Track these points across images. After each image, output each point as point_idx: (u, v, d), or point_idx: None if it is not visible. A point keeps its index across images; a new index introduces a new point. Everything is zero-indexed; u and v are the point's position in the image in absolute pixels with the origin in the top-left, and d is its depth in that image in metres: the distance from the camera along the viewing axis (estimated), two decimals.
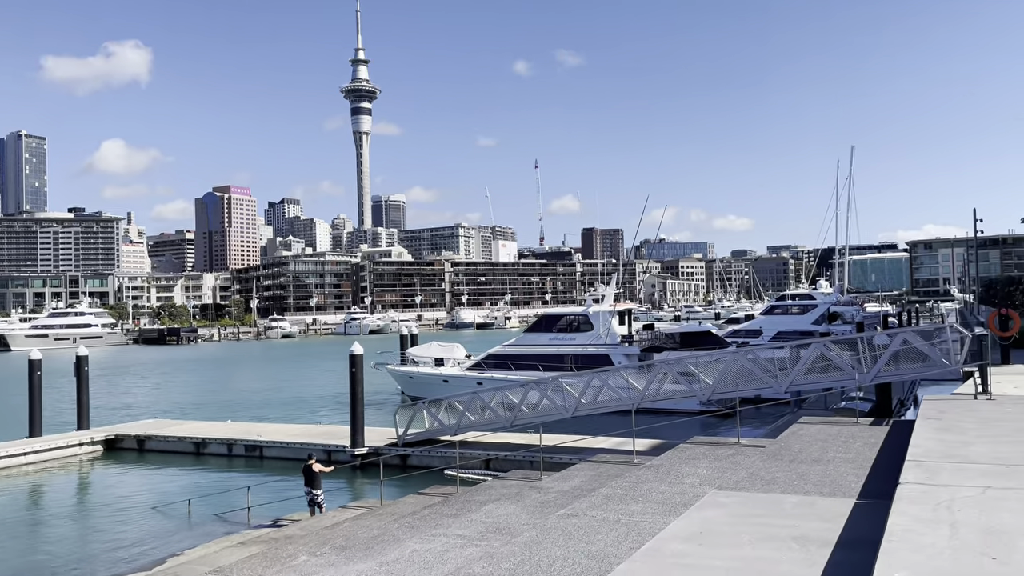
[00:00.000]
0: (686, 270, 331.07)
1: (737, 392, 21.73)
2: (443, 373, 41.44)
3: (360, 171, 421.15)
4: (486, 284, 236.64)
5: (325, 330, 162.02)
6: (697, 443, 15.47)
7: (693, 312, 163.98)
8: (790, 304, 64.38)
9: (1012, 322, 21.11)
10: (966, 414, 11.74)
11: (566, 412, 23.99)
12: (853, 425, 14.55)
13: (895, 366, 20.79)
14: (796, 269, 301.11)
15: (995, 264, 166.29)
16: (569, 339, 39.94)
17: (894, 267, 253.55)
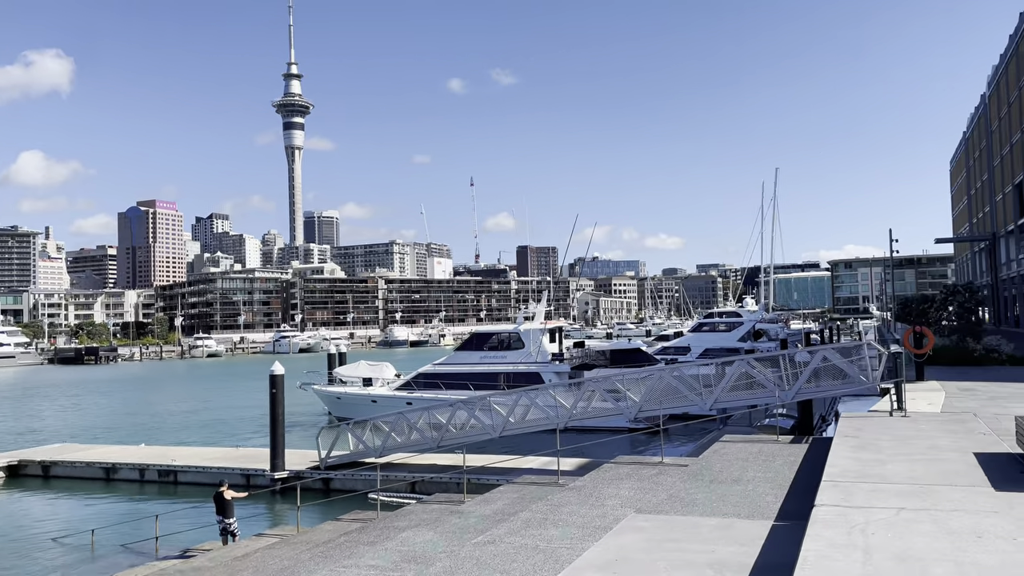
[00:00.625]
0: (619, 288, 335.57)
1: (663, 409, 21.75)
2: (371, 393, 40.55)
3: (292, 186, 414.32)
4: (420, 301, 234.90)
5: (253, 348, 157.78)
6: (621, 463, 15.28)
7: (625, 329, 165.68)
8: (717, 321, 65.55)
9: (926, 339, 21.71)
10: (882, 432, 11.83)
11: (494, 432, 23.60)
12: (774, 443, 14.59)
13: (816, 383, 21.08)
14: (724, 287, 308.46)
15: (911, 283, 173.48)
16: (500, 357, 39.61)
17: (817, 286, 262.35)
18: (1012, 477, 8.45)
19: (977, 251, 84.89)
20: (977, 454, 9.80)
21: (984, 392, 18.26)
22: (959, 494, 7.81)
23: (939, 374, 23.32)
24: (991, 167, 72.95)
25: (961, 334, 28.53)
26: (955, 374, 23.39)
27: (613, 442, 28.10)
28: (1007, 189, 65.65)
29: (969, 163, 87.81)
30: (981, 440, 10.80)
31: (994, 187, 71.94)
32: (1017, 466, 8.99)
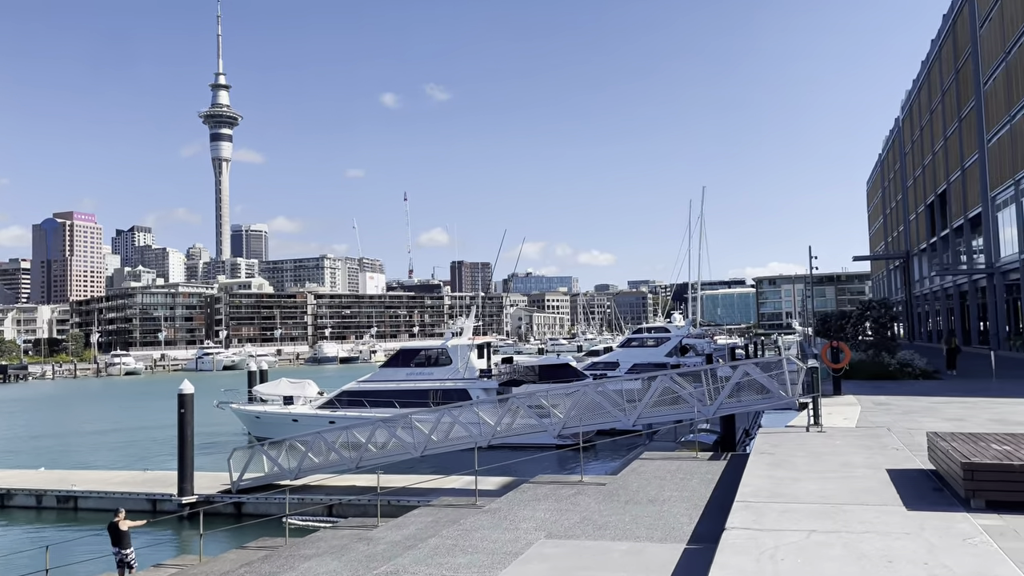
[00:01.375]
0: (552, 303, 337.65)
1: (586, 426, 21.47)
2: (292, 412, 39.21)
3: (219, 199, 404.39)
4: (351, 317, 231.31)
5: (175, 366, 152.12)
6: (541, 482, 14.83)
7: (558, 344, 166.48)
8: (646, 337, 66.11)
9: (843, 354, 21.99)
10: (797, 448, 11.68)
11: (415, 451, 22.89)
12: (693, 460, 14.37)
13: (737, 398, 21.15)
14: (654, 303, 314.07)
15: (831, 299, 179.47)
16: (427, 374, 38.86)
17: (742, 302, 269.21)
18: (924, 495, 8.30)
19: (892, 269, 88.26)
20: (890, 470, 9.68)
21: (898, 406, 18.50)
22: (871, 514, 7.60)
23: (856, 388, 23.68)
24: (905, 188, 76.01)
25: (877, 349, 29.19)
26: (871, 388, 23.79)
27: (540, 459, 27.75)
28: (920, 209, 68.45)
29: (885, 184, 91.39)
30: (894, 456, 10.73)
31: (908, 207, 74.94)
32: (929, 483, 8.87)
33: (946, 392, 22.03)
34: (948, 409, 17.58)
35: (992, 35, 42.99)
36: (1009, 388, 23.02)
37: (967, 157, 50.15)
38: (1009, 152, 40.78)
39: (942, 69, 57.00)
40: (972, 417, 15.79)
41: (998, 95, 42.42)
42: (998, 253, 44.48)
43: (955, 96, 52.62)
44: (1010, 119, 40.09)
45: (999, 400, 19.49)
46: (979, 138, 46.71)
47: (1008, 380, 25.64)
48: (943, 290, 60.79)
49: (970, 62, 47.86)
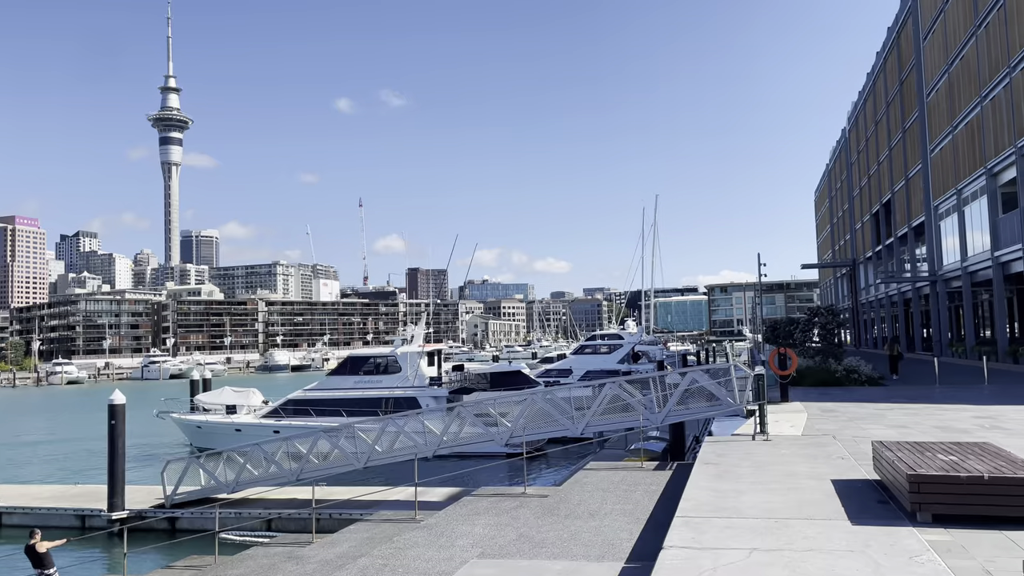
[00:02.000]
0: (508, 310, 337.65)
1: (534, 434, 21.06)
2: (235, 422, 38.04)
3: (168, 204, 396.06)
4: (304, 324, 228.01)
5: (120, 375, 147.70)
6: (482, 495, 14.31)
7: (513, 351, 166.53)
8: (599, 344, 66.07)
9: (790, 361, 21.92)
10: (743, 457, 11.37)
11: (357, 463, 22.16)
12: (638, 470, 13.99)
13: (685, 406, 20.95)
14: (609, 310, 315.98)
15: (781, 307, 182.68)
16: (376, 382, 38.08)
17: (695, 309, 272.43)
18: (869, 508, 8.00)
19: (839, 276, 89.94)
20: (835, 481, 9.39)
21: (844, 413, 18.43)
22: (815, 529, 7.26)
23: (803, 395, 23.68)
24: (851, 197, 77.50)
25: (824, 356, 29.35)
26: (818, 395, 23.80)
27: (490, 468, 27.17)
28: (865, 218, 69.82)
29: (832, 193, 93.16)
30: (839, 465, 10.47)
31: (854, 216, 76.41)
32: (874, 494, 8.59)
33: (891, 399, 22.12)
34: (893, 416, 17.55)
35: (935, 47, 43.95)
36: (952, 394, 23.23)
37: (911, 167, 51.20)
38: (951, 162, 41.66)
39: (887, 81, 58.23)
40: (916, 424, 15.73)
41: (940, 106, 43.35)
42: (941, 261, 45.40)
43: (899, 107, 53.74)
44: (952, 129, 40.96)
45: (943, 407, 19.58)
46: (922, 148, 47.70)
47: (951, 386, 25.94)
48: (888, 297, 61.99)
49: (914, 74, 48.90)
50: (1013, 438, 13.18)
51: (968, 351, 40.21)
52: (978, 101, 36.30)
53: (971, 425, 15.33)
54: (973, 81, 37.04)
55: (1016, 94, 31.32)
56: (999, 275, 35.20)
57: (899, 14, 52.75)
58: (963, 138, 39.36)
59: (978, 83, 36.22)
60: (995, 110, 34.24)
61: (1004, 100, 32.89)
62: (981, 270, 38.07)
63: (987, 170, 35.49)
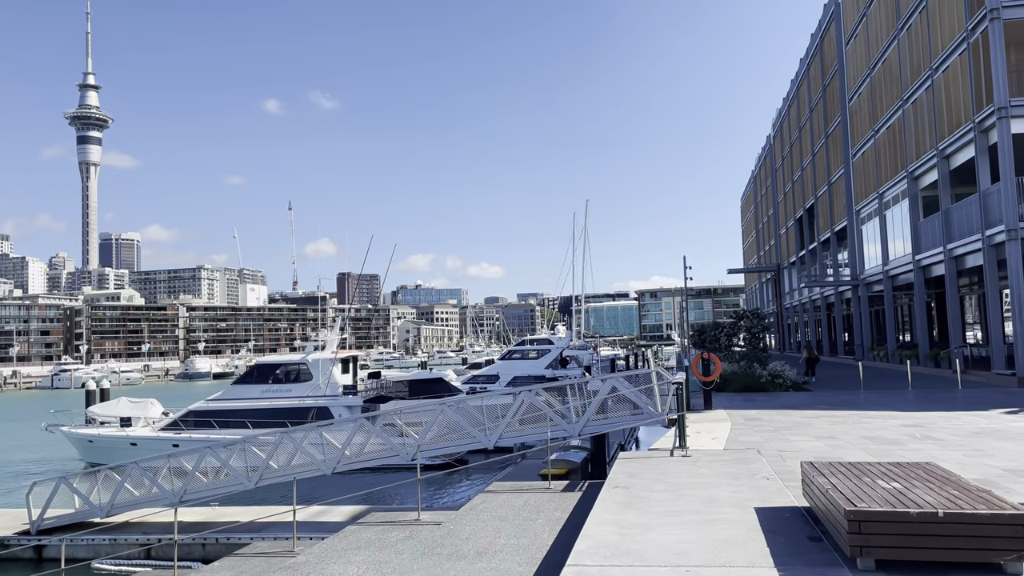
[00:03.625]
0: (441, 316, 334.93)
1: (440, 449, 19.42)
2: (130, 435, 35.21)
3: (86, 205, 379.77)
4: (228, 330, 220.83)
5: (28, 384, 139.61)
6: (371, 523, 12.57)
7: (445, 357, 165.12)
8: (528, 349, 64.69)
9: (713, 366, 20.87)
10: (657, 478, 9.95)
11: (248, 482, 20.07)
12: (545, 491, 12.47)
13: (604, 415, 19.65)
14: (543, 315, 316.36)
15: (708, 312, 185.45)
16: (285, 391, 35.79)
17: (626, 314, 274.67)
18: (799, 547, 6.62)
19: (764, 281, 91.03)
20: (760, 510, 8.03)
21: (769, 422, 17.35)
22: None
23: (727, 402, 22.69)
24: (776, 203, 78.33)
25: (749, 360, 28.57)
26: (742, 401, 22.84)
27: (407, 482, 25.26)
28: (789, 224, 70.51)
29: (757, 199, 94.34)
30: (764, 488, 9.13)
31: (779, 221, 77.22)
32: (805, 527, 7.23)
33: (816, 405, 21.27)
34: (819, 425, 16.54)
35: (857, 52, 44.14)
36: (876, 400, 22.57)
37: (833, 172, 51.53)
38: (873, 167, 41.79)
39: (810, 87, 58.72)
40: (844, 434, 14.69)
41: (863, 111, 43.52)
42: (862, 266, 45.61)
43: (822, 113, 54.13)
44: (874, 133, 41.07)
45: (869, 414, 18.74)
46: (844, 154, 47.95)
47: (875, 391, 25.37)
48: (811, 302, 62.51)
49: (836, 79, 49.19)
50: (948, 450, 12.17)
51: (889, 355, 40.29)
52: (900, 104, 36.32)
53: (901, 435, 14.36)
54: (895, 84, 37.09)
55: (938, 95, 31.24)
56: (920, 279, 35.20)
57: (822, 20, 53.15)
58: (885, 142, 39.45)
59: (900, 86, 36.24)
60: (917, 113, 34.23)
61: (926, 102, 32.85)
62: (902, 274, 38.14)
63: (908, 174, 35.49)
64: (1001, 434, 14.16)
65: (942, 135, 31.11)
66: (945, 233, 31.46)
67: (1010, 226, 25.18)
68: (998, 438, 13.60)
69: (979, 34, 26.72)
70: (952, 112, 29.94)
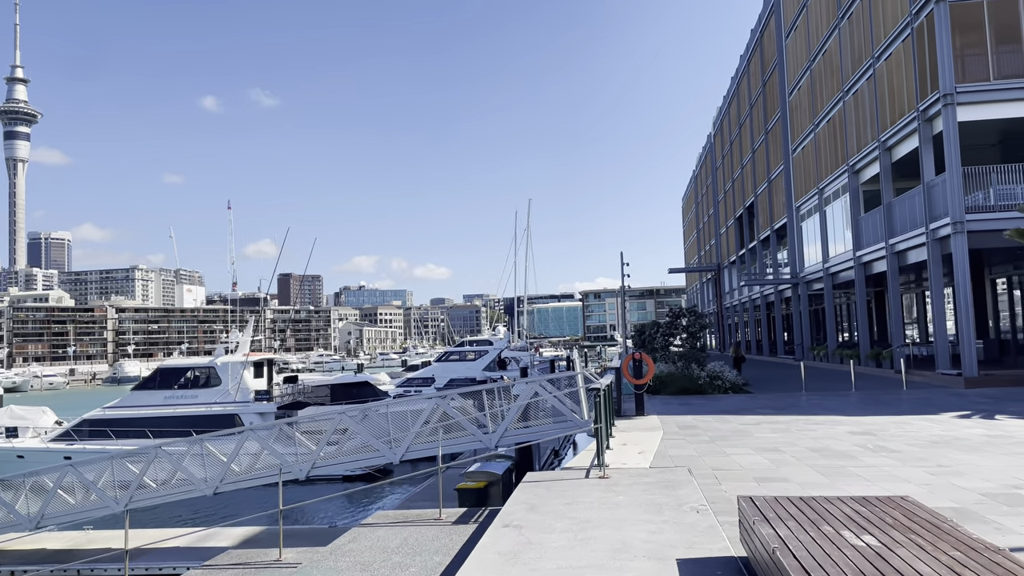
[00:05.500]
0: (385, 317, 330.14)
1: (337, 464, 17.11)
2: (16, 447, 31.92)
3: (13, 203, 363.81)
4: (160, 333, 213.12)
5: None
6: (221, 565, 10.20)
7: (387, 359, 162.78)
8: (467, 350, 62.50)
9: (646, 367, 19.00)
10: (562, 512, 7.88)
11: (116, 505, 17.41)
12: (433, 524, 10.28)
13: (525, 423, 17.60)
14: (489, 316, 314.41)
15: (651, 312, 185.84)
16: (190, 397, 32.89)
17: (571, 315, 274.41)
18: None
19: (705, 281, 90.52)
20: (683, 563, 6.00)
21: (705, 431, 15.49)
22: None
23: (662, 405, 20.88)
24: (716, 202, 77.70)
25: (686, 361, 26.89)
26: (679, 406, 21.05)
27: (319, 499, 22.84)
28: (730, 222, 69.77)
29: (698, 199, 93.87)
30: (693, 526, 7.11)
31: (719, 221, 76.57)
32: None
33: (756, 409, 19.58)
34: (761, 433, 14.74)
35: (797, 44, 43.14)
36: (819, 403, 21.02)
37: (773, 169, 50.62)
38: (813, 162, 40.77)
39: (750, 83, 57.88)
40: (789, 445, 12.89)
41: (803, 105, 42.52)
42: (802, 263, 44.65)
43: (762, 109, 53.24)
44: (814, 128, 40.04)
45: (814, 419, 17.06)
46: (784, 149, 47.00)
47: (817, 393, 23.90)
48: (751, 301, 61.73)
49: (776, 74, 48.23)
50: (909, 466, 10.39)
51: (829, 355, 39.27)
52: (840, 96, 35.24)
53: (852, 445, 12.61)
54: (835, 76, 36.01)
55: (880, 85, 30.09)
56: (861, 276, 34.12)
57: (762, 14, 52.23)
58: (825, 136, 38.41)
59: (840, 77, 35.15)
60: (858, 104, 33.13)
61: (867, 93, 31.72)
62: (843, 271, 37.10)
63: (849, 168, 34.40)
64: (962, 444, 12.53)
65: (884, 126, 29.98)
66: (887, 228, 30.34)
67: (956, 219, 23.99)
68: (960, 449, 11.95)
69: (924, 18, 25.52)
70: (895, 102, 28.80)
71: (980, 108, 24.32)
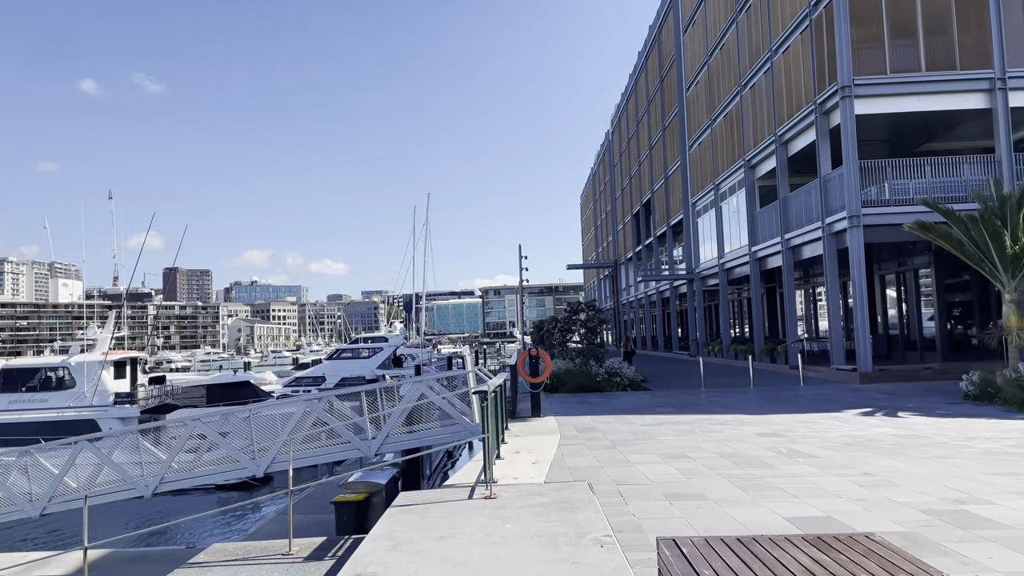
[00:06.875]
0: (278, 314, 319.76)
1: (186, 480, 14.92)
2: None
3: None
4: (31, 329, 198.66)
5: None
6: None
7: (280, 357, 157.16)
8: (361, 347, 59.91)
9: (543, 365, 17.64)
10: (432, 549, 6.24)
11: None
12: (279, 561, 8.42)
13: (410, 428, 15.90)
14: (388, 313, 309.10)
15: (550, 309, 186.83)
16: (39, 400, 29.42)
17: (471, 311, 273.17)
18: None
19: (603, 278, 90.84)
20: None
21: (605, 433, 14.20)
22: None
23: (559, 405, 19.58)
24: (614, 199, 77.84)
25: (584, 357, 25.78)
26: (577, 405, 19.80)
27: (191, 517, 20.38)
28: (627, 219, 69.92)
29: (596, 196, 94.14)
30: (598, 568, 5.64)
31: (617, 217, 76.75)
32: None
33: (657, 408, 18.54)
34: (664, 436, 13.56)
35: (695, 39, 42.99)
36: (720, 400, 20.24)
37: (670, 165, 50.58)
38: (710, 157, 40.68)
39: (648, 79, 57.84)
40: (696, 450, 11.71)
41: (700, 100, 42.40)
42: (698, 259, 44.65)
43: (660, 105, 53.19)
44: (711, 123, 39.91)
45: (717, 419, 16.10)
46: (681, 145, 46.93)
47: (716, 390, 23.22)
48: (647, 297, 61.88)
49: (674, 69, 48.12)
50: (831, 475, 9.31)
51: (724, 350, 39.25)
52: (737, 91, 35.07)
53: (764, 449, 11.54)
54: (733, 70, 35.84)
55: (778, 78, 29.89)
56: (756, 271, 34.05)
57: (660, 9, 52.11)
58: (722, 131, 38.29)
59: (738, 71, 34.98)
60: (755, 98, 32.96)
61: (764, 86, 31.54)
62: (738, 267, 37.05)
63: (746, 162, 34.26)
64: (876, 446, 11.67)
65: (781, 120, 29.80)
66: (783, 223, 30.20)
67: (852, 212, 23.79)
68: (877, 452, 11.05)
69: (822, 8, 25.26)
70: (792, 95, 28.60)
71: (875, 102, 24.22)
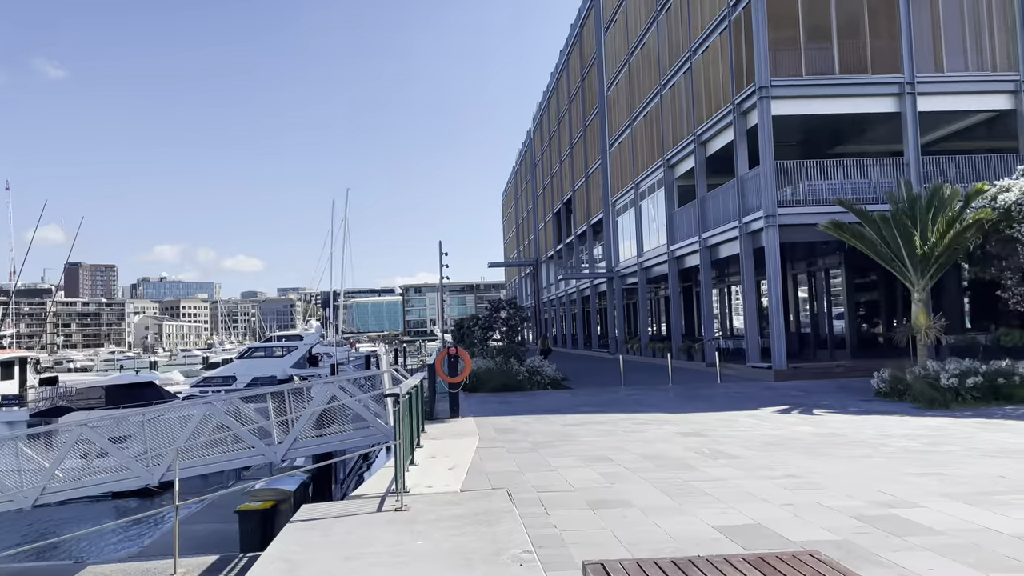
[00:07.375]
0: (189, 311, 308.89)
1: (65, 492, 13.73)
2: None
3: None
4: None
5: None
6: None
7: (190, 356, 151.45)
8: (275, 346, 57.98)
9: (462, 364, 17.09)
10: (330, 573, 5.56)
11: None
12: None
13: (320, 432, 15.11)
14: (305, 311, 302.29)
15: (471, 307, 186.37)
16: None
17: (391, 309, 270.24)
18: None
19: (524, 276, 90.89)
20: None
21: (526, 435, 13.75)
22: None
23: (479, 405, 19.06)
24: (535, 198, 77.90)
25: (505, 356, 25.35)
26: (497, 405, 19.33)
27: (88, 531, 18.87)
28: (548, 218, 70.05)
29: (518, 195, 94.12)
30: None
31: (538, 216, 76.83)
32: None
33: (578, 407, 18.24)
34: (586, 437, 13.21)
35: (616, 38, 43.17)
36: (640, 398, 20.13)
37: (591, 164, 50.76)
38: (629, 156, 40.90)
39: (569, 78, 57.96)
40: (618, 451, 11.38)
41: (620, 100, 42.60)
42: (617, 258, 44.90)
43: (581, 104, 53.33)
44: (631, 122, 40.12)
45: (638, 418, 15.89)
46: (602, 144, 47.11)
47: (636, 388, 23.15)
48: (567, 295, 62.08)
49: (595, 69, 48.27)
50: (756, 478, 9.07)
51: (643, 348, 39.52)
52: (657, 91, 35.30)
53: (685, 451, 11.29)
54: (653, 70, 36.07)
55: (697, 79, 30.14)
56: (674, 270, 34.35)
57: (582, 8, 52.24)
58: (642, 130, 38.53)
59: (658, 71, 35.21)
60: (675, 98, 33.21)
61: (684, 86, 31.79)
62: (656, 265, 37.35)
63: (665, 162, 34.50)
64: (797, 445, 11.59)
65: (700, 120, 30.07)
66: (700, 222, 30.50)
67: (768, 212, 24.11)
68: (797, 452, 10.95)
69: (741, 9, 25.54)
70: (711, 95, 28.88)
71: (791, 103, 24.63)
